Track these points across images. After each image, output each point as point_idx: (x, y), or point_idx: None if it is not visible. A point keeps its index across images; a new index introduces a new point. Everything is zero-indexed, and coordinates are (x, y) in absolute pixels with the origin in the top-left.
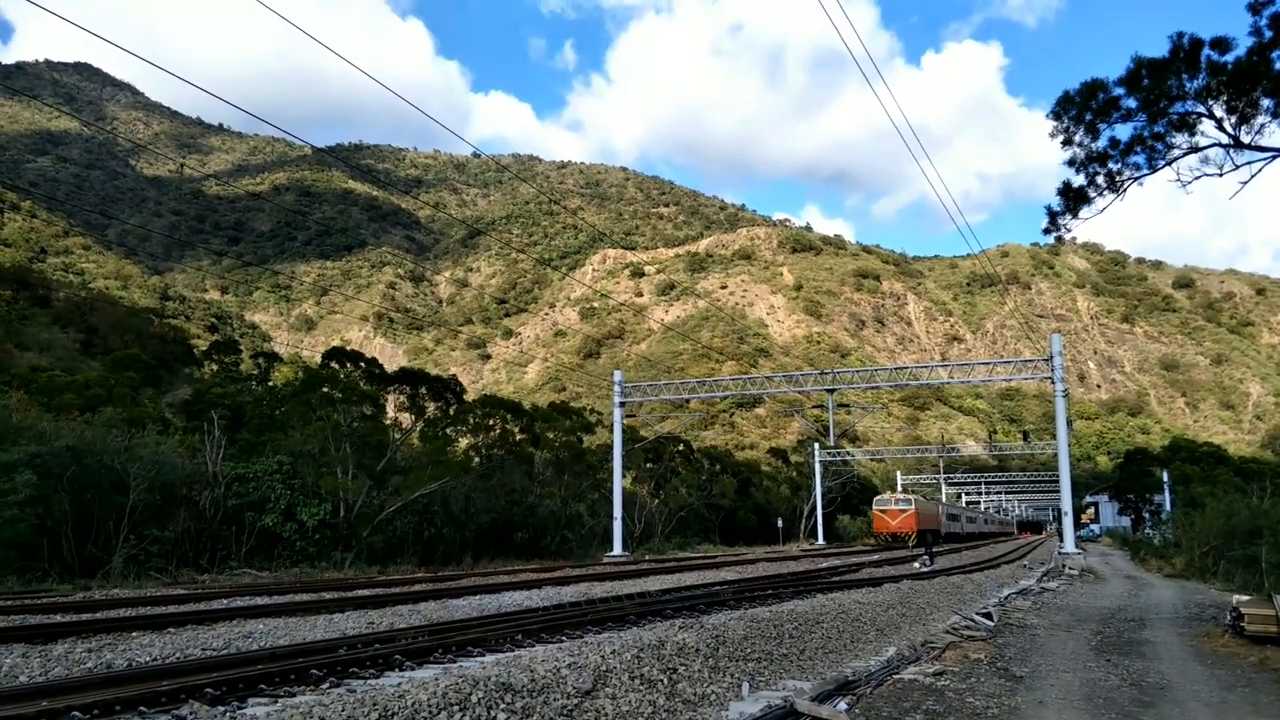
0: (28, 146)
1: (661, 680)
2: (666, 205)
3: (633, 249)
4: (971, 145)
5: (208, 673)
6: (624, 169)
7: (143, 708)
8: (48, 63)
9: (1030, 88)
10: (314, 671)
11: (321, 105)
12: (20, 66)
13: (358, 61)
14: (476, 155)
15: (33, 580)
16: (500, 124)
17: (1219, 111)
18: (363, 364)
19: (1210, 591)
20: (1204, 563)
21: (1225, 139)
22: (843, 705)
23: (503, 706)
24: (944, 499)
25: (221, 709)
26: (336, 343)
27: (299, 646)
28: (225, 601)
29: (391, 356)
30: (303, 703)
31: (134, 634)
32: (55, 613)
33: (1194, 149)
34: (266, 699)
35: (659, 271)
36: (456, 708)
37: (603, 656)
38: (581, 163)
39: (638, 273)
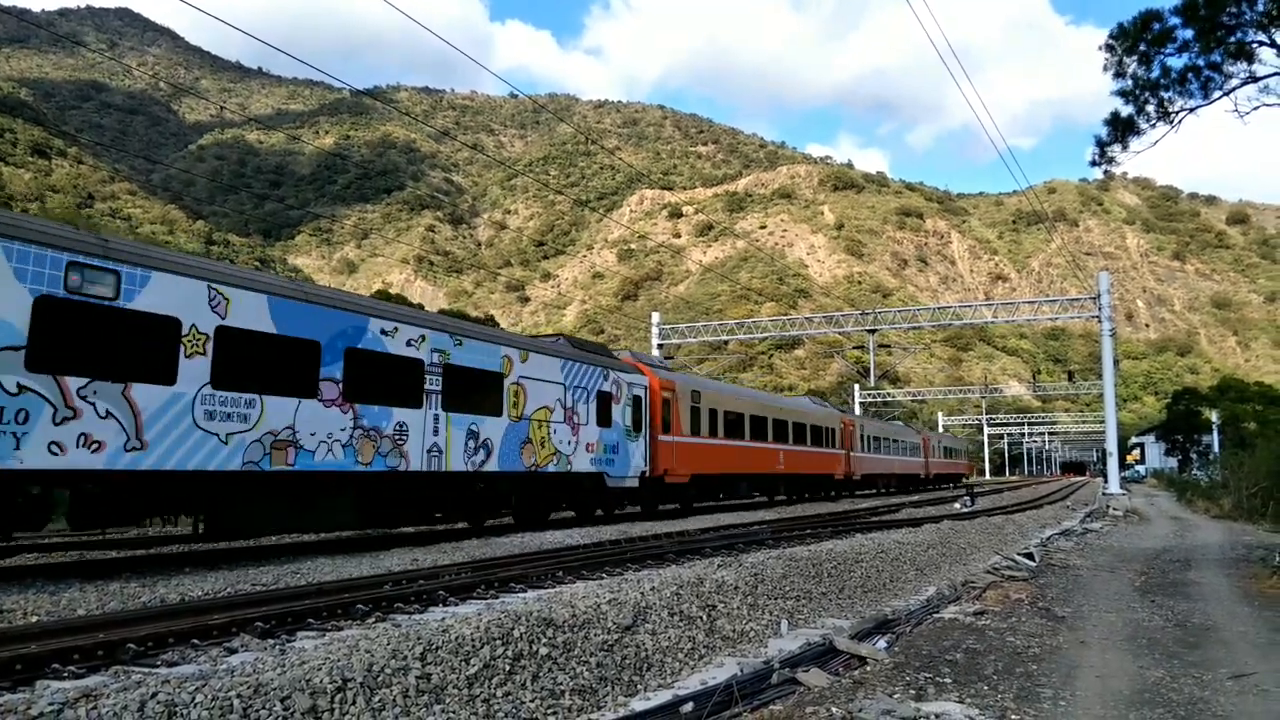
0: (72, 93)
1: (701, 617)
2: (705, 144)
3: (670, 189)
4: (1017, 68)
5: (257, 607)
6: (661, 107)
7: (195, 640)
8: (88, 9)
9: (1079, 5)
10: (360, 606)
11: (341, 46)
12: (63, 13)
13: None
14: (513, 95)
15: None
16: (521, 53)
17: None
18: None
19: (1259, 533)
20: (1252, 504)
21: None
22: (882, 643)
23: (544, 641)
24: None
25: (271, 642)
26: (378, 286)
27: (345, 582)
28: (274, 539)
29: (432, 299)
30: (349, 636)
31: (186, 569)
32: (111, 549)
33: (1253, 78)
34: (314, 632)
35: (697, 212)
36: (499, 641)
37: (642, 593)
38: (619, 101)
39: (676, 213)
